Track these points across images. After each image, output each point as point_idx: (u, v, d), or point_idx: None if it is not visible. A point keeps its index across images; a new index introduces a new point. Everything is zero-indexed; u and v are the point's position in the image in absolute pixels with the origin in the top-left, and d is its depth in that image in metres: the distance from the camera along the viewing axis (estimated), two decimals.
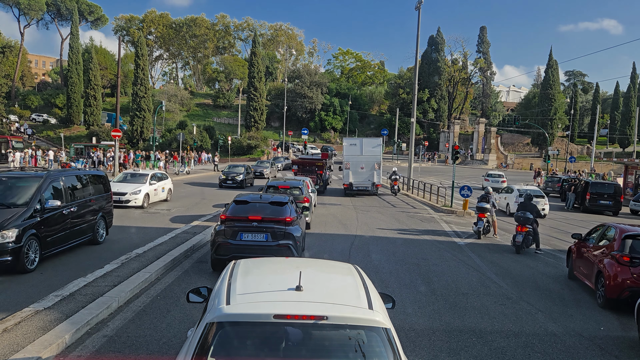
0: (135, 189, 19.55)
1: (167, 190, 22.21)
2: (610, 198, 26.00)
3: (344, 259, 10.74)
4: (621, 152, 73.49)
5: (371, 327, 3.34)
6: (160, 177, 22.00)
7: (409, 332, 7.17)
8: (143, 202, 19.64)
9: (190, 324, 6.57)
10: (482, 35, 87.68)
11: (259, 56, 69.29)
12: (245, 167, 31.61)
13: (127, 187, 19.54)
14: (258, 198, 10.66)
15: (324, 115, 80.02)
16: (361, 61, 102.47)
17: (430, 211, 22.97)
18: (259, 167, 38.96)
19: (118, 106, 34.89)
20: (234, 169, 30.82)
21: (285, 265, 4.89)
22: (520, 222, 14.09)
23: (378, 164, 27.51)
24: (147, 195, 20.03)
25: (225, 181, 29.32)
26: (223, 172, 30.68)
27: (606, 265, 9.21)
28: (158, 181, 21.43)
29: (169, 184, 22.57)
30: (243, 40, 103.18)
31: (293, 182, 17.25)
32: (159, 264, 10.04)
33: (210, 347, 3.20)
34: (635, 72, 78.55)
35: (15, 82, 75.91)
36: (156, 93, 74.62)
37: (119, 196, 18.57)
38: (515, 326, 7.78)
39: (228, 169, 31.07)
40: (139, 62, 57.63)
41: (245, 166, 32.01)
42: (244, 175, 29.96)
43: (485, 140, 71.69)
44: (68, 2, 78.53)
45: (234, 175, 29.59)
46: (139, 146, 54.90)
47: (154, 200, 20.79)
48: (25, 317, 6.72)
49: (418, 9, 31.97)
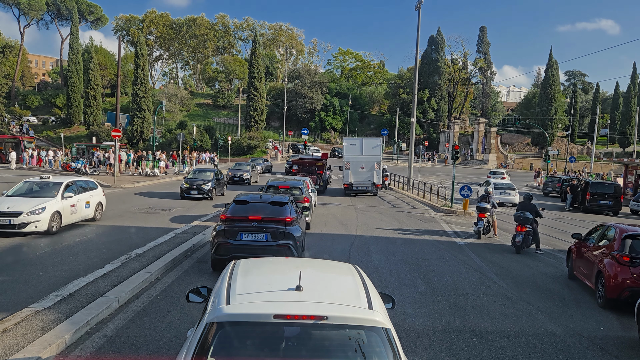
0: (37, 207, 13.17)
1: (95, 205, 15.95)
2: (610, 198, 25.99)
3: (344, 259, 10.73)
4: (621, 152, 73.48)
5: (371, 327, 3.35)
6: (83, 186, 15.69)
7: (409, 332, 7.17)
8: (50, 226, 13.33)
9: (190, 324, 6.57)
10: (482, 35, 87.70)
11: (259, 56, 69.30)
12: (215, 171, 25.16)
13: (23, 204, 13.21)
14: (258, 198, 10.67)
15: (324, 115, 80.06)
16: (361, 61, 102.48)
17: (430, 211, 22.97)
18: (237, 170, 32.34)
19: (118, 106, 34.96)
20: (201, 175, 24.12)
21: (285, 265, 4.90)
22: (520, 222, 14.09)
23: (378, 164, 27.52)
24: (57, 215, 13.71)
25: (188, 191, 22.74)
26: (186, 179, 23.85)
27: (606, 265, 9.21)
28: (78, 193, 15.09)
29: (99, 196, 16.36)
30: (243, 40, 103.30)
31: (293, 182, 17.23)
32: (159, 264, 10.04)
33: (210, 347, 3.20)
34: (635, 72, 78.56)
35: (15, 82, 75.94)
36: (156, 93, 74.66)
37: (9, 218, 12.75)
38: (515, 326, 7.77)
39: (193, 174, 24.54)
40: (138, 62, 57.65)
41: (215, 171, 25.57)
42: (213, 182, 23.42)
43: (485, 140, 71.70)
44: (68, 2, 78.57)
45: (200, 184, 22.90)
46: (139, 146, 54.92)
47: (70, 221, 14.58)
48: (25, 317, 6.72)
49: (418, 9, 31.98)
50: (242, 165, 34.16)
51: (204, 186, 22.88)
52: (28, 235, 13.00)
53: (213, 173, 24.62)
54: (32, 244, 12.39)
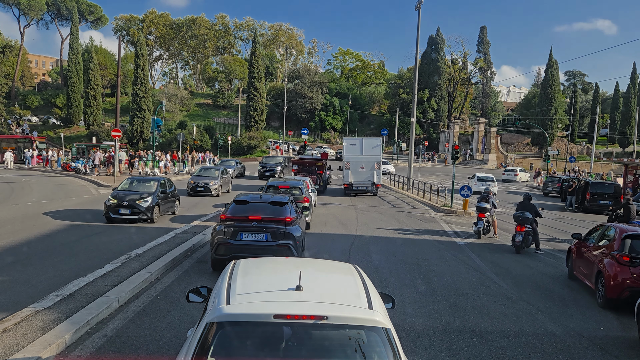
0: None
1: None
2: (610, 198, 25.99)
3: (344, 259, 10.73)
4: (621, 152, 73.49)
5: (371, 327, 3.35)
6: None
7: (409, 332, 7.17)
8: None
9: (190, 324, 6.57)
10: (482, 35, 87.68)
11: (259, 56, 69.26)
12: (160, 181, 17.59)
13: None
14: (258, 198, 10.68)
15: (324, 115, 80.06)
16: (361, 61, 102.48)
17: (430, 211, 22.97)
18: (201, 178, 25.04)
19: (118, 106, 34.92)
20: (139, 186, 16.99)
21: (285, 265, 4.89)
22: (519, 222, 14.10)
23: (378, 164, 27.52)
24: None
25: (116, 210, 15.74)
26: (113, 194, 16.28)
27: (606, 265, 9.21)
28: None
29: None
30: (243, 40, 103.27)
31: (293, 182, 17.24)
32: (159, 264, 10.04)
33: (210, 347, 3.20)
34: (635, 72, 78.56)
35: (15, 82, 75.93)
36: (156, 93, 74.63)
37: None
38: (515, 326, 7.78)
39: (127, 184, 17.11)
40: (138, 62, 57.63)
41: (161, 179, 18.03)
42: (154, 199, 16.23)
43: (485, 140, 71.69)
44: (68, 2, 78.56)
45: (136, 199, 15.91)
46: (139, 146, 54.93)
47: None
48: (25, 317, 6.72)
49: (418, 8, 31.97)
50: (208, 170, 27.03)
51: (140, 202, 15.83)
52: None
53: (157, 183, 17.20)
54: (33, 243, 12.42)
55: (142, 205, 15.87)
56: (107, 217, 15.86)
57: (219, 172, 26.33)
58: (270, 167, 35.02)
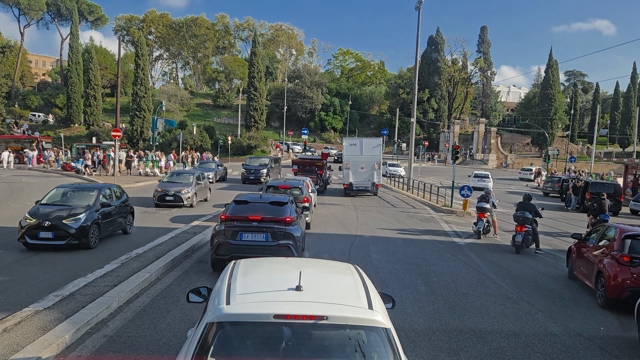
0: None
1: None
2: (610, 198, 25.97)
3: (344, 259, 10.73)
4: (621, 152, 73.49)
5: (371, 327, 3.35)
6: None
7: (409, 332, 7.17)
8: None
9: (190, 324, 6.58)
10: (483, 35, 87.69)
11: (259, 56, 69.27)
12: (103, 190, 13.21)
13: None
14: (258, 198, 10.67)
15: (324, 115, 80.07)
16: (361, 61, 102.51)
17: (430, 211, 22.97)
18: (171, 185, 20.55)
19: (118, 106, 34.93)
20: (71, 198, 12.77)
21: (285, 265, 4.89)
22: (519, 222, 14.09)
23: (378, 164, 27.53)
24: None
25: (34, 234, 11.45)
26: (32, 211, 11.98)
27: (606, 265, 9.21)
28: None
29: None
30: (243, 40, 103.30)
31: (293, 182, 17.24)
32: (159, 264, 10.04)
33: (210, 347, 3.20)
34: (635, 72, 78.56)
35: (15, 82, 75.93)
36: (156, 93, 74.65)
37: None
38: (515, 326, 7.78)
39: (58, 195, 12.93)
40: (139, 62, 57.65)
41: (104, 188, 13.46)
42: (91, 215, 12.00)
43: (485, 140, 71.70)
44: (68, 2, 78.56)
45: (64, 217, 11.63)
46: (139, 146, 54.95)
47: None
48: (25, 317, 6.72)
49: (418, 9, 31.97)
50: (180, 175, 22.23)
51: (69, 222, 11.57)
52: None
53: (97, 193, 12.90)
54: None
55: (72, 226, 11.52)
56: (23, 242, 11.54)
57: (194, 177, 21.48)
58: (255, 170, 31.43)
